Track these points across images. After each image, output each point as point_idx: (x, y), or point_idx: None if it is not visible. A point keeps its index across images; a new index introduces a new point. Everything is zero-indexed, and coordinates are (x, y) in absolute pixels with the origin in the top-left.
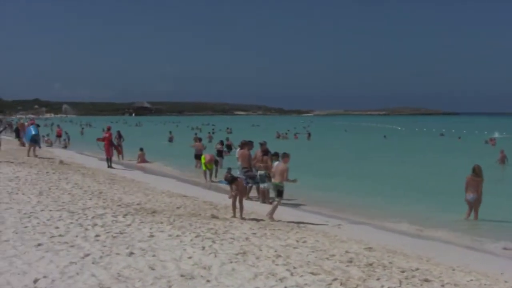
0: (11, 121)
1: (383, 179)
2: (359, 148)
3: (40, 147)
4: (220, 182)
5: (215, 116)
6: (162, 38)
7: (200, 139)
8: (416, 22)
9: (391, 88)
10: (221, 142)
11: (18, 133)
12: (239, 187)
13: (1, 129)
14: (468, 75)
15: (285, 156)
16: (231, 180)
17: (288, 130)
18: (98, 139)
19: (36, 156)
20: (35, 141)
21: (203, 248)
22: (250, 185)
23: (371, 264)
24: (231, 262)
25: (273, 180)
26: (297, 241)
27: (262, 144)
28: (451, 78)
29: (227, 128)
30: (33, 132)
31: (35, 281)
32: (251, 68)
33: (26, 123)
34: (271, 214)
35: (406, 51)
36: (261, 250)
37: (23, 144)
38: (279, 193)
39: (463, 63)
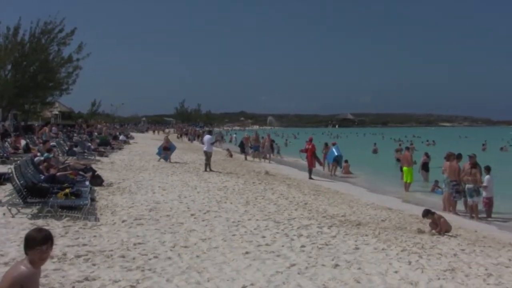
0: (220, 133)
1: None
2: None
3: (341, 167)
4: (436, 192)
5: (419, 128)
6: (365, 50)
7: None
8: None
9: None
10: (426, 154)
11: (243, 146)
12: (433, 224)
13: (213, 141)
14: None
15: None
16: (425, 213)
17: (485, 142)
18: (301, 151)
19: (335, 175)
20: (337, 161)
21: (410, 262)
22: (457, 199)
23: None
24: (439, 279)
25: None
26: (510, 260)
27: (471, 157)
28: None
29: (427, 141)
30: (336, 154)
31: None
32: (454, 76)
33: (250, 137)
34: None
35: None
36: (470, 268)
37: (231, 155)
38: None
39: None
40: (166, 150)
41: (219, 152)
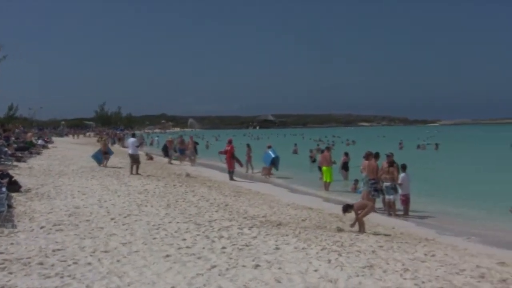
0: (142, 136)
1: None
2: (488, 160)
3: (277, 169)
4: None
5: (339, 128)
6: (285, 51)
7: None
8: None
9: None
10: (346, 154)
11: (166, 150)
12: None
13: (137, 144)
14: None
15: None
16: (345, 209)
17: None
18: (220, 152)
19: (269, 176)
20: (274, 164)
21: (329, 261)
22: (375, 197)
23: (504, 280)
24: (357, 276)
25: None
26: (425, 255)
27: (389, 156)
28: None
29: (347, 141)
30: (273, 155)
31: None
32: (373, 77)
33: (174, 140)
34: None
35: None
36: (388, 264)
37: (151, 158)
38: None
39: None
40: (105, 154)
41: (139, 155)
